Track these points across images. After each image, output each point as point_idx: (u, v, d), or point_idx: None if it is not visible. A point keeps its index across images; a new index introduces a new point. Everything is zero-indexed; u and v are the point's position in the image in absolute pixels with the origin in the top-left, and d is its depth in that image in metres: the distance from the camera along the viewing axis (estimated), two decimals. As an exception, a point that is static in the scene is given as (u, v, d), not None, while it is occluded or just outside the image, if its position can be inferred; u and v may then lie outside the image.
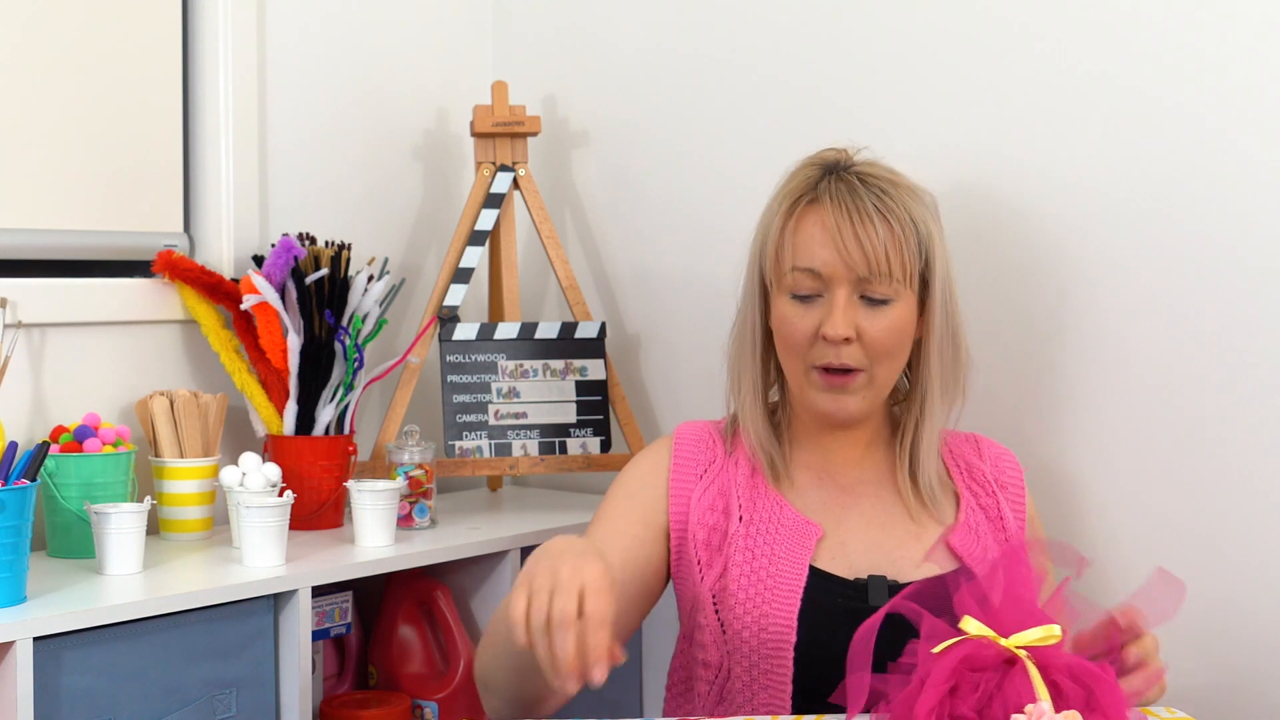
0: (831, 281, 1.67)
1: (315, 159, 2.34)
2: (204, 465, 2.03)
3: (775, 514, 1.73)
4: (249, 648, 1.80)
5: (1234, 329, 1.88)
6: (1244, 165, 1.86)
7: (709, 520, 1.74)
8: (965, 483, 1.78)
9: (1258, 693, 1.89)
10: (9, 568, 1.62)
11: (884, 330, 1.67)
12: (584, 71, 2.50)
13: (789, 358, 1.72)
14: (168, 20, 2.15)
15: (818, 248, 1.67)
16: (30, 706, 1.57)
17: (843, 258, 1.66)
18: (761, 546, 1.70)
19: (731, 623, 1.67)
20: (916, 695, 1.29)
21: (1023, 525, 1.78)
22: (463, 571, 2.11)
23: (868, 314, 1.67)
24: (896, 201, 1.68)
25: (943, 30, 2.10)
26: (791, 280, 1.69)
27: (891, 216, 1.67)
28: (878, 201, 1.67)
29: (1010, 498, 1.79)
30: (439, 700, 2.05)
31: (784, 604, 1.65)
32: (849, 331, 1.66)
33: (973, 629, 1.31)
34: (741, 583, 1.69)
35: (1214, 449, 1.90)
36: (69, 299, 2.02)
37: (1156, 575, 1.42)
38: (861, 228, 1.66)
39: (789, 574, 1.67)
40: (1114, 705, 1.30)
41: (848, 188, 1.68)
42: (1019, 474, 1.81)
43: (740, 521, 1.72)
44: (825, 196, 1.68)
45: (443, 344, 2.29)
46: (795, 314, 1.69)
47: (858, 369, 1.68)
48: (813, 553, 1.69)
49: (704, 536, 1.73)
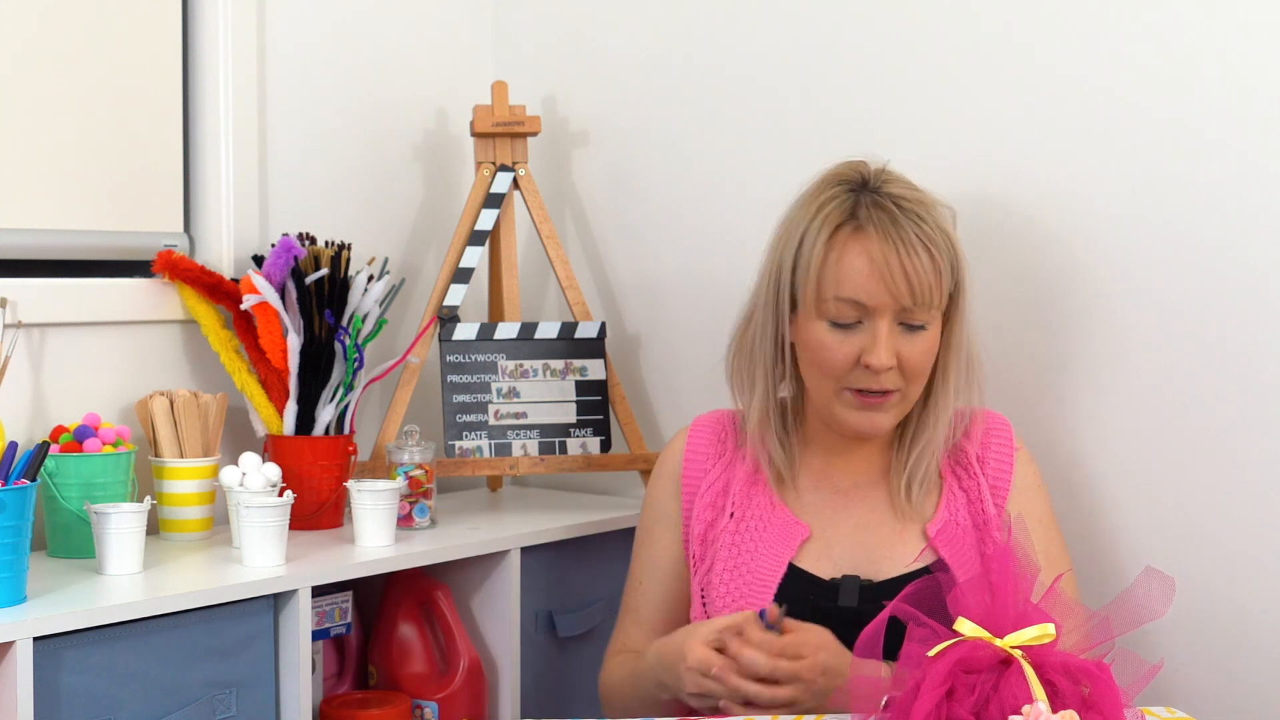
0: (875, 312, 1.67)
1: (315, 159, 2.34)
2: (204, 465, 2.03)
3: (767, 513, 1.75)
4: (249, 648, 1.80)
5: (1237, 329, 1.88)
6: (1241, 170, 1.87)
7: (707, 516, 1.78)
8: (949, 467, 1.79)
9: (1258, 692, 1.89)
10: (9, 568, 1.62)
11: (921, 353, 1.69)
12: (584, 71, 2.50)
13: (821, 380, 1.72)
14: (168, 21, 2.15)
15: (864, 280, 1.66)
16: (30, 706, 1.57)
17: (890, 290, 1.65)
18: (747, 543, 1.74)
19: (715, 615, 1.71)
20: (913, 699, 1.28)
21: (1005, 496, 1.76)
22: (463, 571, 2.11)
23: (906, 339, 1.68)
24: (933, 226, 1.68)
25: (941, 33, 2.10)
26: (834, 309, 1.68)
27: (932, 245, 1.67)
28: (918, 230, 1.66)
29: (992, 473, 1.78)
30: (439, 700, 2.05)
31: (759, 600, 1.69)
32: (893, 362, 1.67)
33: (968, 630, 1.31)
34: (725, 577, 1.73)
35: (1220, 448, 1.90)
36: (69, 299, 2.02)
37: (1145, 574, 1.41)
38: (909, 260, 1.65)
39: (768, 571, 1.71)
40: (1111, 703, 1.30)
41: (889, 217, 1.67)
42: (1009, 445, 1.80)
43: (731, 518, 1.76)
44: (869, 226, 1.67)
45: (443, 344, 2.29)
46: (834, 340, 1.69)
47: (895, 390, 1.70)
48: (795, 552, 1.72)
49: (700, 531, 1.78)
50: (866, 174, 1.72)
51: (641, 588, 1.86)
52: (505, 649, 2.10)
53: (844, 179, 1.72)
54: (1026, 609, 1.34)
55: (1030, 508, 1.78)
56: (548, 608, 2.15)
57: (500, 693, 2.11)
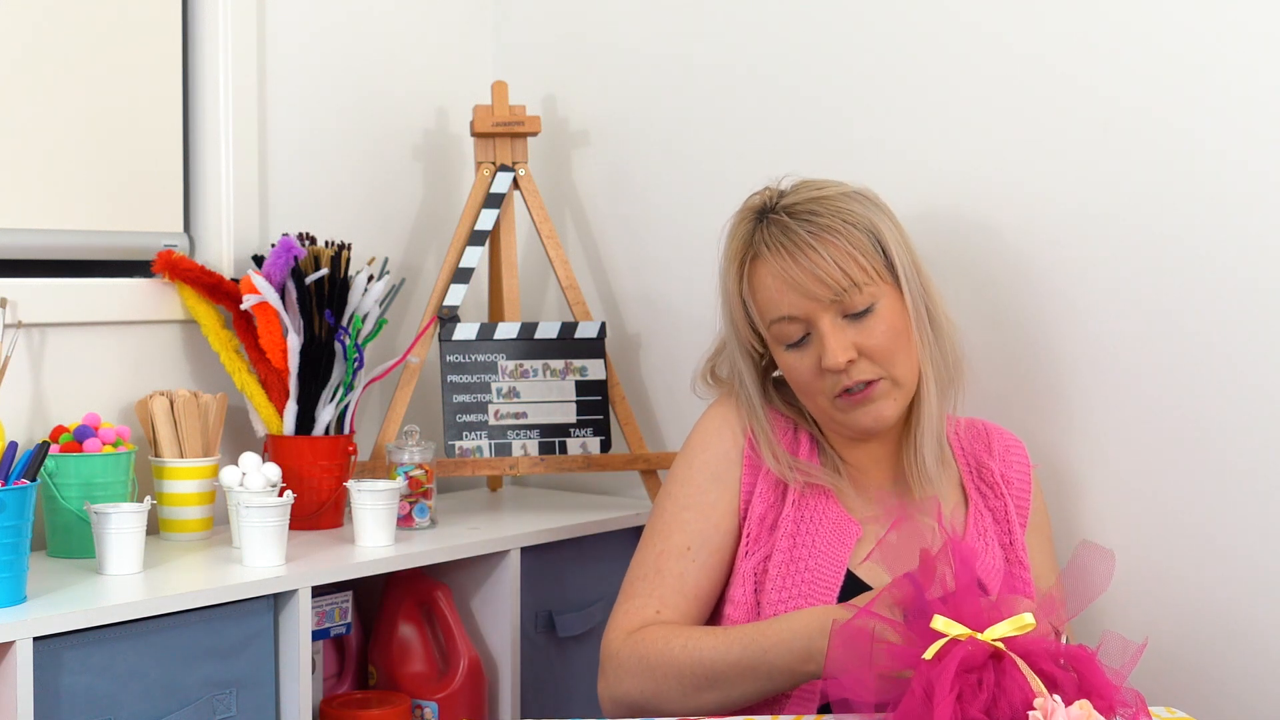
0: (809, 319, 1.68)
1: (315, 159, 2.34)
2: (204, 465, 2.03)
3: (824, 506, 1.74)
4: (249, 648, 1.80)
5: (1215, 328, 1.89)
6: (1217, 170, 1.87)
7: (769, 497, 1.75)
8: (974, 483, 1.79)
9: (1258, 691, 1.89)
10: (9, 568, 1.62)
11: (881, 334, 1.68)
12: (584, 71, 2.50)
13: (808, 399, 1.73)
14: (168, 21, 2.15)
15: (778, 296, 1.68)
16: (30, 706, 1.57)
17: (804, 293, 1.66)
18: (804, 535, 1.71)
19: (767, 609, 1.68)
20: (920, 705, 1.28)
21: (1026, 516, 1.78)
22: (463, 571, 2.11)
23: (858, 328, 1.68)
24: (827, 215, 1.68)
25: (938, 39, 2.10)
26: (777, 331, 1.71)
27: (827, 232, 1.67)
28: (809, 227, 1.67)
29: (1015, 494, 1.79)
30: (439, 700, 2.05)
31: (818, 602, 1.66)
32: (849, 356, 1.67)
33: (941, 626, 1.31)
34: (783, 570, 1.69)
35: (1201, 445, 1.91)
36: (69, 299, 2.02)
37: (1082, 548, 1.41)
38: (805, 258, 1.66)
39: (827, 576, 1.69)
40: (1104, 686, 1.30)
41: (779, 228, 1.69)
42: (1027, 469, 1.82)
43: (793, 505, 1.73)
44: (763, 248, 1.70)
45: (443, 344, 2.29)
46: (795, 359, 1.71)
47: (876, 379, 1.69)
48: (850, 553, 1.71)
49: (760, 512, 1.74)
50: (767, 199, 1.74)
51: (691, 554, 1.72)
52: (505, 649, 2.10)
53: (748, 211, 1.76)
54: (994, 603, 1.35)
55: (1042, 531, 1.82)
56: (547, 608, 2.15)
57: (500, 693, 2.11)
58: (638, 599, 1.72)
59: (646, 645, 1.66)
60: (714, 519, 1.74)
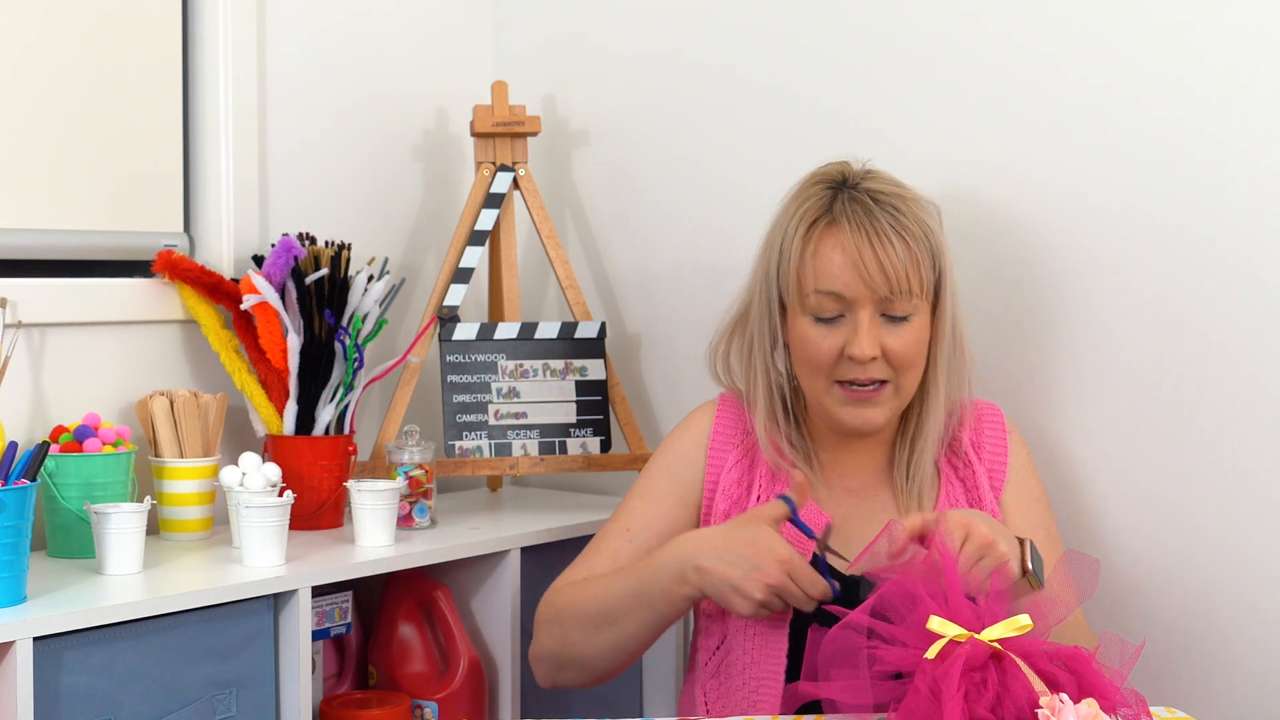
0: (855, 303, 1.69)
1: (315, 159, 2.34)
2: (204, 465, 2.03)
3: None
4: (249, 648, 1.80)
5: (1220, 321, 1.89)
6: (1227, 164, 1.87)
7: (733, 494, 1.79)
8: (945, 457, 1.81)
9: (1258, 691, 1.89)
10: (9, 568, 1.62)
11: (907, 344, 1.70)
12: (584, 71, 2.50)
13: (811, 375, 1.74)
14: (168, 21, 2.15)
15: (839, 271, 1.69)
16: (30, 706, 1.57)
17: (865, 281, 1.67)
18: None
19: None
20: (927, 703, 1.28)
21: (1002, 480, 1.79)
22: (463, 571, 2.11)
23: (890, 330, 1.70)
24: (910, 217, 1.70)
25: (939, 38, 2.10)
26: (815, 303, 1.71)
27: (908, 234, 1.69)
28: (893, 220, 1.69)
29: (989, 457, 1.80)
30: (439, 700, 2.05)
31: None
32: (876, 351, 1.69)
33: (951, 631, 1.31)
34: None
35: (1206, 438, 1.91)
36: (69, 299, 2.02)
37: (1068, 556, 1.44)
38: (882, 249, 1.67)
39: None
40: (1103, 687, 1.31)
41: (863, 208, 1.69)
42: (1002, 433, 1.83)
43: (757, 501, 1.76)
44: (843, 219, 1.70)
45: (443, 344, 2.29)
46: (818, 335, 1.71)
47: (885, 381, 1.71)
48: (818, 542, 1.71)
49: (724, 509, 1.78)
50: (848, 172, 1.75)
51: (630, 535, 1.81)
52: (505, 649, 2.10)
53: (825, 177, 1.76)
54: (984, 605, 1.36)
55: (1027, 489, 1.81)
56: (548, 608, 2.15)
57: (500, 693, 2.11)
58: (572, 570, 1.82)
59: (561, 597, 1.77)
60: (661, 508, 1.81)
